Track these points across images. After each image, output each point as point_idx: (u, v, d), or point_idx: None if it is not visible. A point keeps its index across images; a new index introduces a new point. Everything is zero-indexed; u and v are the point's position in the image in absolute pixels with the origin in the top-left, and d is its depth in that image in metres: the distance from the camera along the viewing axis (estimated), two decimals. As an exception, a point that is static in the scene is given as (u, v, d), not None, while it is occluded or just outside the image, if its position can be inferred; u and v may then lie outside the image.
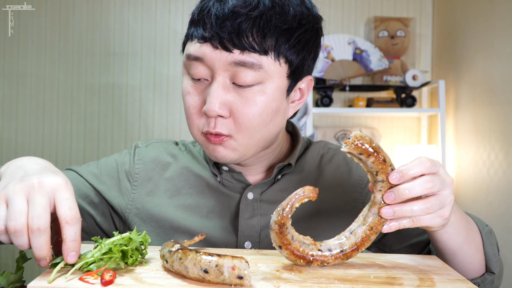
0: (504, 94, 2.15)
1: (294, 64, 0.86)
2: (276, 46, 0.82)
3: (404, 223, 0.72)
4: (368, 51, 2.78)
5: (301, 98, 0.94)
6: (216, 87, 0.83)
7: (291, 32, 0.83)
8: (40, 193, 0.65)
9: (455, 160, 2.64)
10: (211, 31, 0.81)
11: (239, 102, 0.84)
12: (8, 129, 2.98)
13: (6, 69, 2.97)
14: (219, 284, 0.64)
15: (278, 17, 0.81)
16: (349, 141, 0.69)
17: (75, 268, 0.66)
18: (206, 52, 0.83)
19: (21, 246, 0.64)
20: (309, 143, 1.07)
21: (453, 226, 0.80)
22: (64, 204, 0.65)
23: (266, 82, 0.84)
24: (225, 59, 0.81)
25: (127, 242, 0.70)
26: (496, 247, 0.91)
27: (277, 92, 0.85)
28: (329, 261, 0.74)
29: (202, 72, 0.85)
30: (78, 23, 2.98)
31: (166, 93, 3.01)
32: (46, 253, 0.64)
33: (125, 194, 0.99)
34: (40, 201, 0.64)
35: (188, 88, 0.88)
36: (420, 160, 0.71)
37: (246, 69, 0.82)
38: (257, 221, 0.95)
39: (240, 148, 0.87)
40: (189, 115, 0.88)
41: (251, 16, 0.80)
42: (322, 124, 3.03)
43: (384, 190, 0.71)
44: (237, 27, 0.80)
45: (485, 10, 2.34)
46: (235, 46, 0.81)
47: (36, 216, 0.63)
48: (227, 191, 0.98)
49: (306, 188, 0.71)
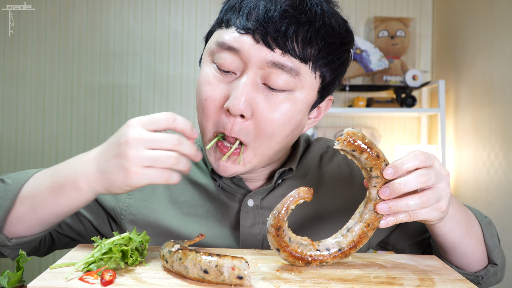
0: (504, 94, 2.15)
1: (327, 80, 0.84)
2: (317, 57, 0.79)
3: (401, 218, 0.71)
4: (368, 51, 2.78)
5: (317, 116, 0.91)
6: (245, 83, 0.77)
7: (333, 48, 0.81)
8: (140, 133, 0.70)
9: (455, 160, 2.64)
10: (257, 23, 0.76)
11: (266, 106, 0.78)
12: (8, 129, 2.98)
13: (6, 69, 2.97)
14: (219, 284, 0.64)
15: (325, 29, 0.79)
16: (341, 138, 0.69)
17: (75, 268, 0.66)
18: (245, 44, 0.77)
19: (185, 165, 0.71)
20: (308, 142, 1.04)
21: (452, 218, 0.79)
22: (159, 124, 0.71)
23: (297, 91, 0.80)
24: (264, 56, 0.76)
25: (127, 242, 0.70)
26: (497, 238, 0.90)
27: (304, 104, 0.82)
28: (327, 261, 0.73)
29: (232, 64, 0.78)
30: (78, 23, 2.98)
31: (166, 93, 3.01)
32: None
33: (119, 200, 0.95)
34: (150, 133, 0.70)
35: (209, 78, 0.81)
36: (414, 154, 0.70)
37: (282, 73, 0.77)
38: (259, 230, 0.91)
39: (253, 160, 0.82)
40: (204, 107, 0.81)
41: (301, 20, 0.77)
42: (322, 124, 3.03)
43: (379, 186, 0.71)
44: (285, 27, 0.76)
45: (485, 10, 2.34)
46: (278, 46, 0.76)
47: (164, 136, 0.69)
48: (227, 199, 0.94)
49: (301, 189, 0.71)
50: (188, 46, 3.01)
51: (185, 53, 3.01)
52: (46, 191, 0.76)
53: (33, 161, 2.96)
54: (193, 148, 0.72)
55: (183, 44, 3.01)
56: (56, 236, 0.96)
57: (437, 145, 2.77)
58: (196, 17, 3.02)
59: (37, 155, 2.97)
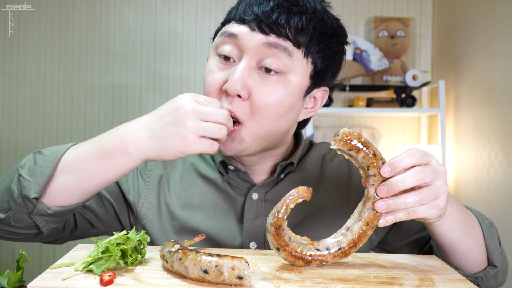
0: (504, 94, 2.15)
1: (318, 67, 0.90)
2: (308, 44, 0.87)
3: (399, 216, 0.71)
4: (368, 51, 2.78)
5: (313, 107, 0.97)
6: (242, 67, 0.85)
7: (324, 37, 0.89)
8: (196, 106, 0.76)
9: (455, 160, 2.64)
10: (252, 15, 0.85)
11: (260, 87, 0.86)
12: (8, 129, 2.98)
13: (6, 69, 2.97)
14: (219, 284, 0.64)
15: (316, 20, 0.87)
16: (337, 138, 0.69)
17: (73, 268, 0.66)
18: (243, 31, 0.86)
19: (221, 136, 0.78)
20: (311, 144, 1.09)
21: (451, 218, 0.80)
22: (208, 100, 0.79)
23: (290, 74, 0.87)
24: (259, 40, 0.85)
25: (125, 241, 0.70)
26: (498, 240, 0.91)
27: (297, 88, 0.88)
28: (327, 260, 0.73)
29: (232, 50, 0.87)
30: (78, 23, 2.98)
31: (166, 93, 3.01)
32: None
33: (139, 189, 1.00)
34: (203, 107, 0.77)
35: (212, 68, 0.90)
36: (410, 152, 0.71)
37: (278, 52, 0.85)
38: (262, 222, 0.95)
39: (247, 138, 0.88)
40: (208, 93, 0.89)
41: (292, 10, 0.85)
42: (322, 124, 3.03)
43: (377, 184, 0.71)
44: (277, 16, 0.84)
45: (485, 10, 2.34)
46: (272, 31, 0.84)
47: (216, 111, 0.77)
48: (233, 192, 0.98)
49: (300, 189, 0.71)
50: (188, 46, 3.01)
51: (185, 53, 3.01)
52: (92, 158, 0.79)
53: (33, 161, 2.96)
54: (232, 124, 0.81)
55: (183, 44, 3.01)
56: (79, 220, 0.99)
57: (437, 145, 2.77)
58: (196, 17, 3.02)
59: (37, 155, 2.97)
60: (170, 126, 0.75)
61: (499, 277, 0.91)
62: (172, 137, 0.75)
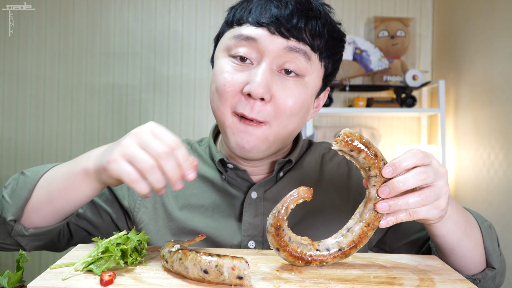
0: (504, 94, 2.15)
1: (329, 71, 0.94)
2: (324, 48, 0.90)
3: (401, 217, 0.71)
4: (368, 51, 2.78)
5: (317, 106, 1.00)
6: (264, 70, 0.85)
7: (336, 42, 0.92)
8: (145, 133, 0.69)
9: (455, 160, 2.64)
10: (271, 18, 0.85)
11: (283, 89, 0.86)
12: (8, 129, 2.98)
13: (6, 69, 2.97)
14: (219, 284, 0.64)
15: (328, 25, 0.90)
16: (338, 139, 0.69)
17: (73, 268, 0.66)
18: (262, 34, 0.85)
19: (158, 182, 0.67)
20: (310, 144, 1.09)
21: (451, 219, 0.80)
22: (165, 136, 0.69)
23: (307, 76, 0.88)
24: (280, 43, 0.85)
25: (124, 241, 0.71)
26: (497, 242, 0.91)
27: (313, 89, 0.91)
28: (327, 261, 0.73)
29: (250, 53, 0.86)
30: (78, 23, 2.98)
31: (166, 93, 3.01)
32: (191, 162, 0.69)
33: (133, 193, 0.99)
34: (151, 137, 0.68)
35: (226, 67, 0.88)
36: (412, 152, 0.71)
37: (298, 56, 0.86)
38: (260, 221, 0.95)
39: (270, 137, 0.88)
40: (223, 92, 0.87)
41: (309, 15, 0.87)
42: (322, 124, 3.03)
43: (378, 185, 0.71)
44: (296, 20, 0.85)
45: (485, 10, 2.34)
46: (292, 36, 0.85)
47: (159, 145, 0.67)
48: (232, 191, 0.98)
49: (301, 189, 0.71)
50: (188, 46, 3.01)
51: (185, 53, 3.01)
52: (61, 178, 0.79)
53: (33, 161, 2.96)
54: (176, 174, 0.68)
55: (183, 44, 3.01)
56: (74, 229, 0.99)
57: (437, 145, 2.77)
58: (196, 17, 3.02)
59: (37, 155, 2.97)
60: (115, 143, 0.73)
61: (497, 279, 0.91)
62: (107, 152, 0.72)
